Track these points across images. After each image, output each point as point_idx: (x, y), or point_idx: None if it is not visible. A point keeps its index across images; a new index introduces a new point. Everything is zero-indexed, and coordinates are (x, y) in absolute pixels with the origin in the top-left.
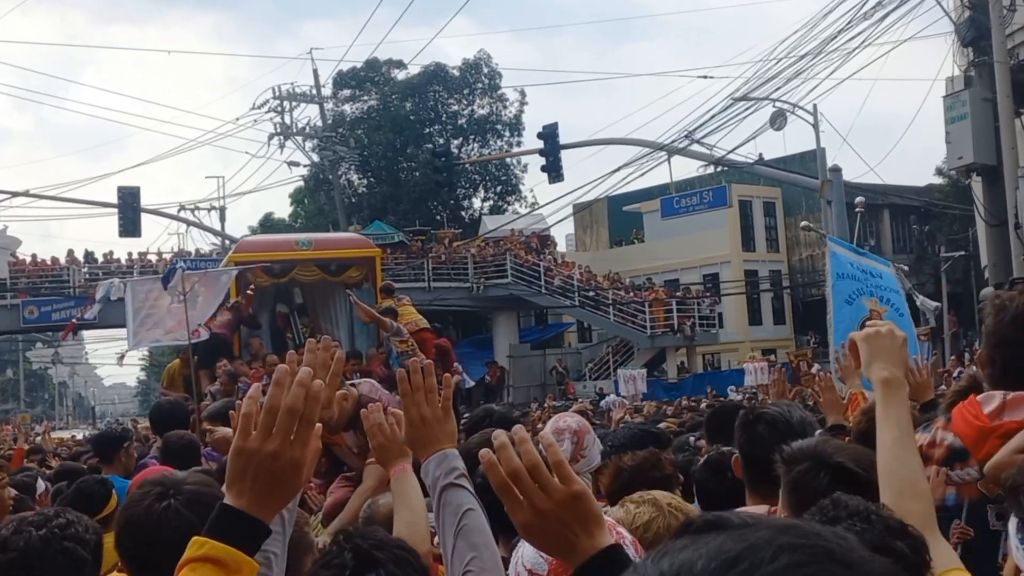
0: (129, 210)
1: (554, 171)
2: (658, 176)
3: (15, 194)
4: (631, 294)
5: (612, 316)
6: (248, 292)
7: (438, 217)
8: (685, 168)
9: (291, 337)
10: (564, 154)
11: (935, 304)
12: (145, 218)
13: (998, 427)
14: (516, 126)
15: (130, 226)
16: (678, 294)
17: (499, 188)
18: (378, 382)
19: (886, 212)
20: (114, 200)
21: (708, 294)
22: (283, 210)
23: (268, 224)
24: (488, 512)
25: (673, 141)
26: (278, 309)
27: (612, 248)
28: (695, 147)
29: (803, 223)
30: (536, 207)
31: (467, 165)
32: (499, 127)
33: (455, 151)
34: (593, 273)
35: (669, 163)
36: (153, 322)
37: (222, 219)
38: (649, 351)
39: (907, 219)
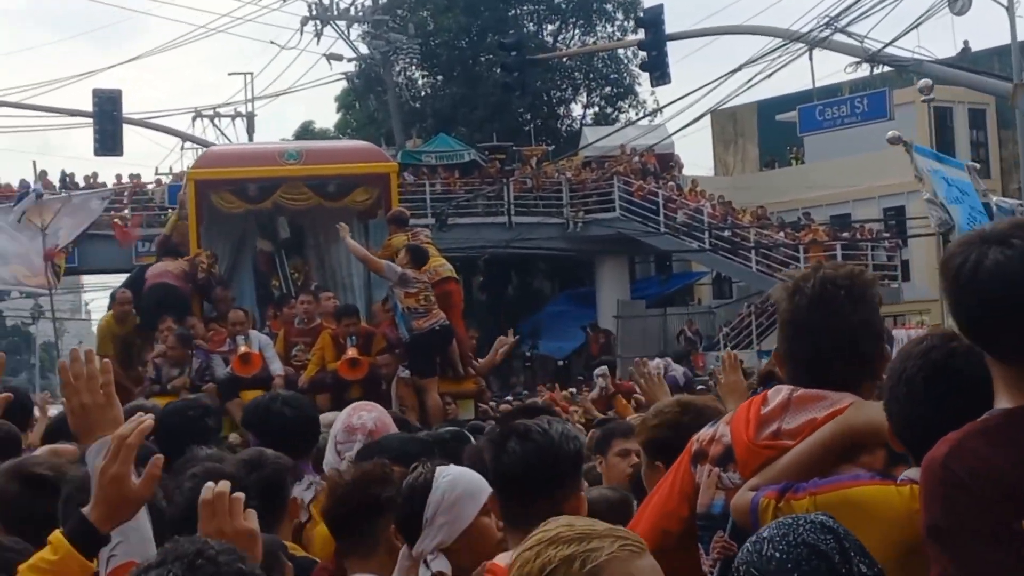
0: (107, 120)
1: (658, 69)
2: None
3: None
4: (781, 234)
5: (755, 264)
6: (260, 247)
7: (526, 129)
8: (833, 66)
9: (276, 285)
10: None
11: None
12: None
13: (760, 447)
14: (631, 5)
15: (108, 140)
16: (845, 235)
17: (607, 90)
18: (389, 345)
19: None
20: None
21: (888, 235)
22: (326, 118)
23: (307, 137)
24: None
25: (812, 31)
26: (258, 247)
27: (762, 171)
28: (839, 38)
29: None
30: (657, 115)
31: (556, 61)
32: (608, 6)
33: (549, 39)
34: (732, 206)
35: (811, 60)
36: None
37: (250, 129)
38: None
39: None
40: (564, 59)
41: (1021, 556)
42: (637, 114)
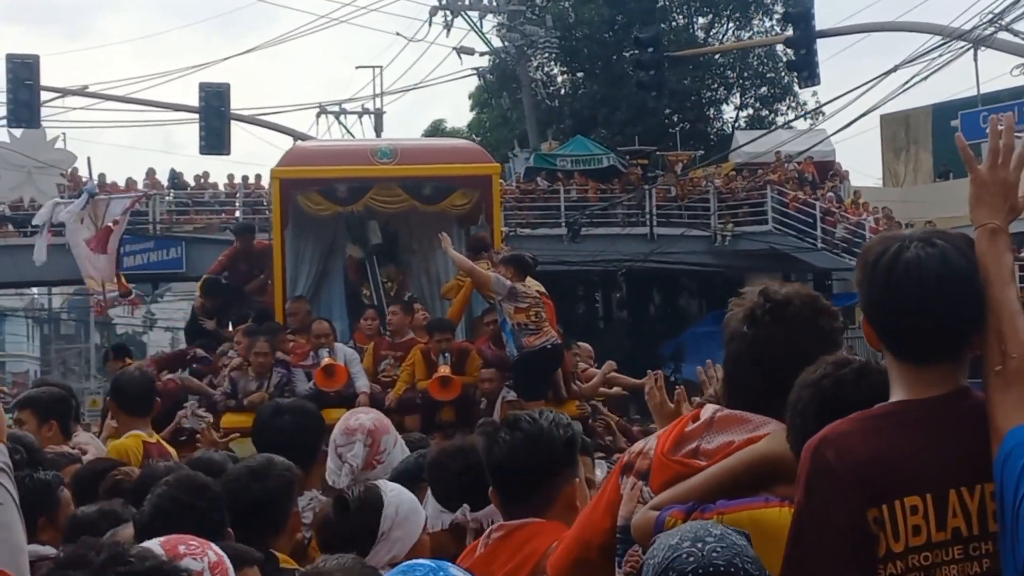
0: (214, 116)
1: (806, 69)
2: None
3: (62, 92)
4: None
5: None
6: (350, 253)
7: (671, 132)
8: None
9: (367, 295)
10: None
11: None
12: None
13: (672, 462)
14: None
15: (214, 138)
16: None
17: (763, 91)
18: (486, 364)
19: None
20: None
21: None
22: (459, 116)
23: (438, 136)
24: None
25: (975, 28)
26: (347, 253)
27: (935, 182)
28: (1004, 36)
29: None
30: (819, 121)
31: (706, 58)
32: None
33: (699, 33)
34: (896, 220)
35: (976, 60)
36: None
37: (378, 127)
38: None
39: None
40: (715, 56)
41: (858, 549)
42: (796, 117)
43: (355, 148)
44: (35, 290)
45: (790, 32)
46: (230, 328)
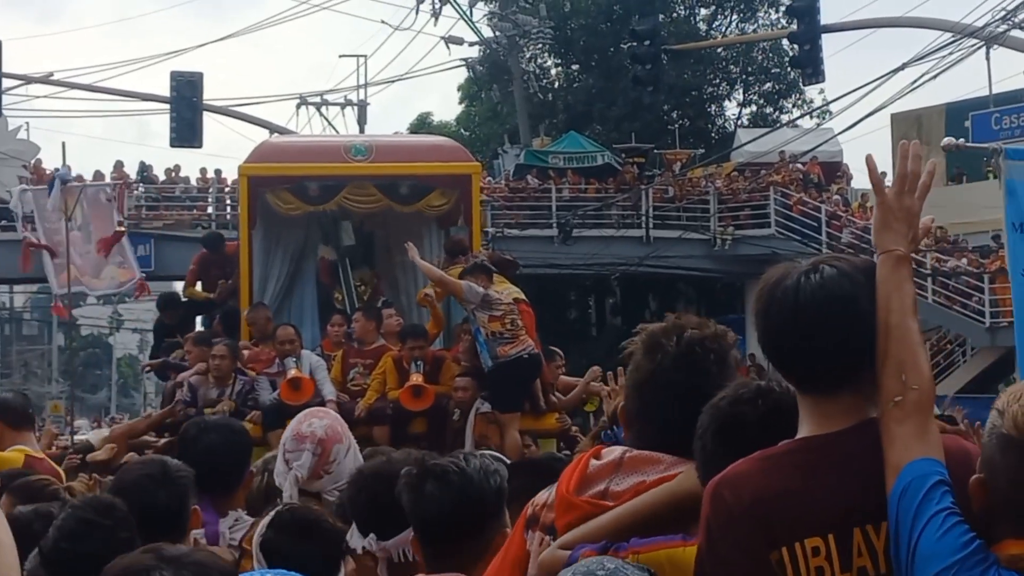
0: (185, 106)
1: (810, 66)
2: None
3: (26, 79)
4: (964, 260)
5: (930, 295)
6: (322, 255)
7: (670, 128)
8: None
9: (339, 298)
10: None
11: None
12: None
13: (581, 502)
14: None
15: (186, 130)
16: None
17: (768, 86)
18: (462, 375)
19: None
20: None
21: None
22: (447, 110)
23: (424, 130)
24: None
25: (987, 26)
26: (320, 255)
27: (947, 185)
28: (1017, 34)
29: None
30: (825, 119)
31: (707, 51)
32: None
33: (701, 25)
34: None
35: (988, 59)
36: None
37: (362, 120)
38: (989, 352)
39: None
40: (718, 49)
41: None
42: (801, 115)
43: (328, 144)
44: None
45: (794, 27)
46: None
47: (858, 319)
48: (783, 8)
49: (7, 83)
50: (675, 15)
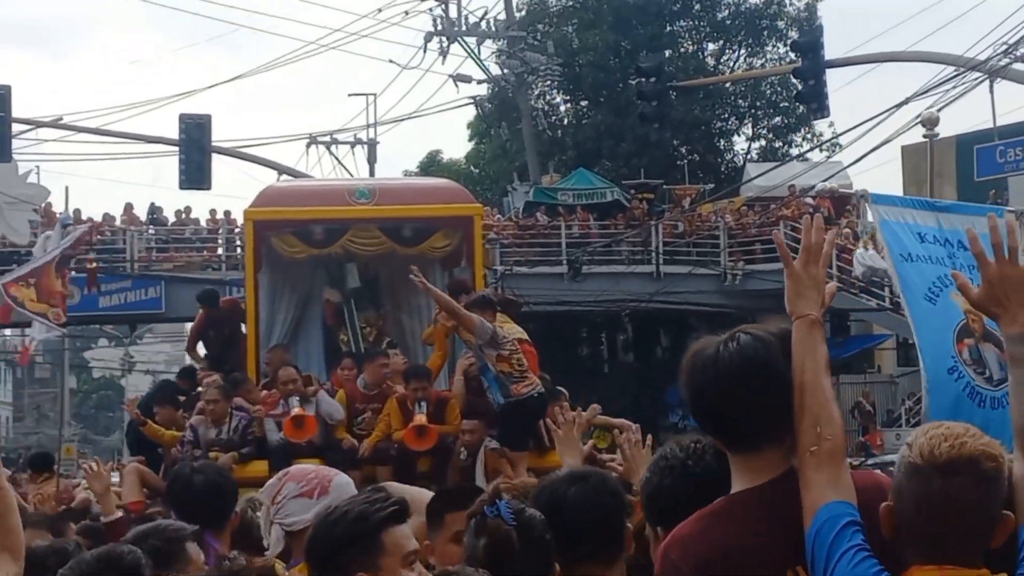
0: (194, 149)
1: (814, 101)
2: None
3: (34, 124)
4: None
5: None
6: (327, 298)
7: (679, 164)
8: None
9: (344, 340)
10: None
11: None
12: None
13: None
14: (806, 21)
15: (195, 173)
16: None
17: (776, 120)
18: (467, 416)
19: None
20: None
21: None
22: (456, 147)
23: (434, 168)
24: None
25: (989, 59)
26: (325, 297)
27: None
28: (1019, 67)
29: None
30: (835, 152)
31: (717, 86)
32: (780, 24)
33: (709, 60)
34: None
35: (991, 92)
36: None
37: (371, 158)
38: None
39: None
40: (727, 84)
41: None
42: (811, 148)
43: (331, 188)
44: (8, 331)
45: (799, 62)
46: None
47: (773, 379)
48: (791, 41)
49: (17, 128)
50: (683, 50)
